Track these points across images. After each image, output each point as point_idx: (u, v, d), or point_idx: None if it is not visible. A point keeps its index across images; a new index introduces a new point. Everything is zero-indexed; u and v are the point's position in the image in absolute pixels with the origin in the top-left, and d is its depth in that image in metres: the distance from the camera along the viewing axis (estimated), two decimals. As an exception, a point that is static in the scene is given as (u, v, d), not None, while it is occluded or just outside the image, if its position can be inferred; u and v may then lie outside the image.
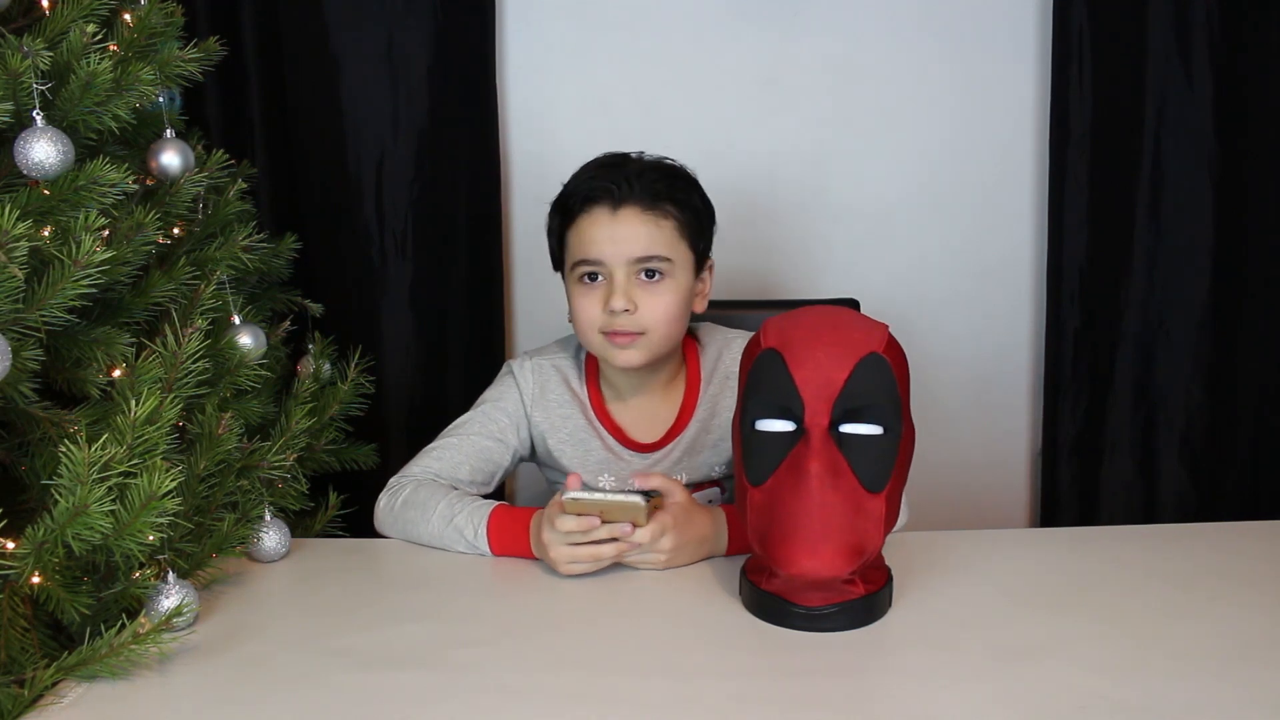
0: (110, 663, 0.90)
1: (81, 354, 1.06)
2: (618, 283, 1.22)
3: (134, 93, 1.11)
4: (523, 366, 1.36)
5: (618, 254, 1.22)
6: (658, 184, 1.23)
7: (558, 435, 1.33)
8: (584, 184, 1.25)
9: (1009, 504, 2.05)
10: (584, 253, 1.24)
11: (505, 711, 0.86)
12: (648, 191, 1.22)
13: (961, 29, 1.89)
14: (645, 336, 1.23)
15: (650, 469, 1.32)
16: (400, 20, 1.78)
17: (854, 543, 0.95)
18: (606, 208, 1.23)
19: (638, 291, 1.23)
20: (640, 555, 1.12)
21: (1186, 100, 1.81)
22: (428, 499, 1.22)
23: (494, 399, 1.36)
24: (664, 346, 1.26)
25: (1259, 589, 1.06)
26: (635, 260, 1.22)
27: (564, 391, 1.35)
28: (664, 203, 1.23)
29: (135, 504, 0.92)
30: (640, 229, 1.22)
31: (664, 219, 1.23)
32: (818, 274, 1.96)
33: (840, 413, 0.96)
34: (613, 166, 1.25)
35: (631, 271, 1.23)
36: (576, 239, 1.25)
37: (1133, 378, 1.90)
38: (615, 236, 1.22)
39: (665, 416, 1.34)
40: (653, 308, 1.23)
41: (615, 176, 1.23)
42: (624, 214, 1.22)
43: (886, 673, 0.93)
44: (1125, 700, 0.85)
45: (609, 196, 1.22)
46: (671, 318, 1.24)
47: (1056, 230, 1.87)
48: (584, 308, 1.25)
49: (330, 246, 1.82)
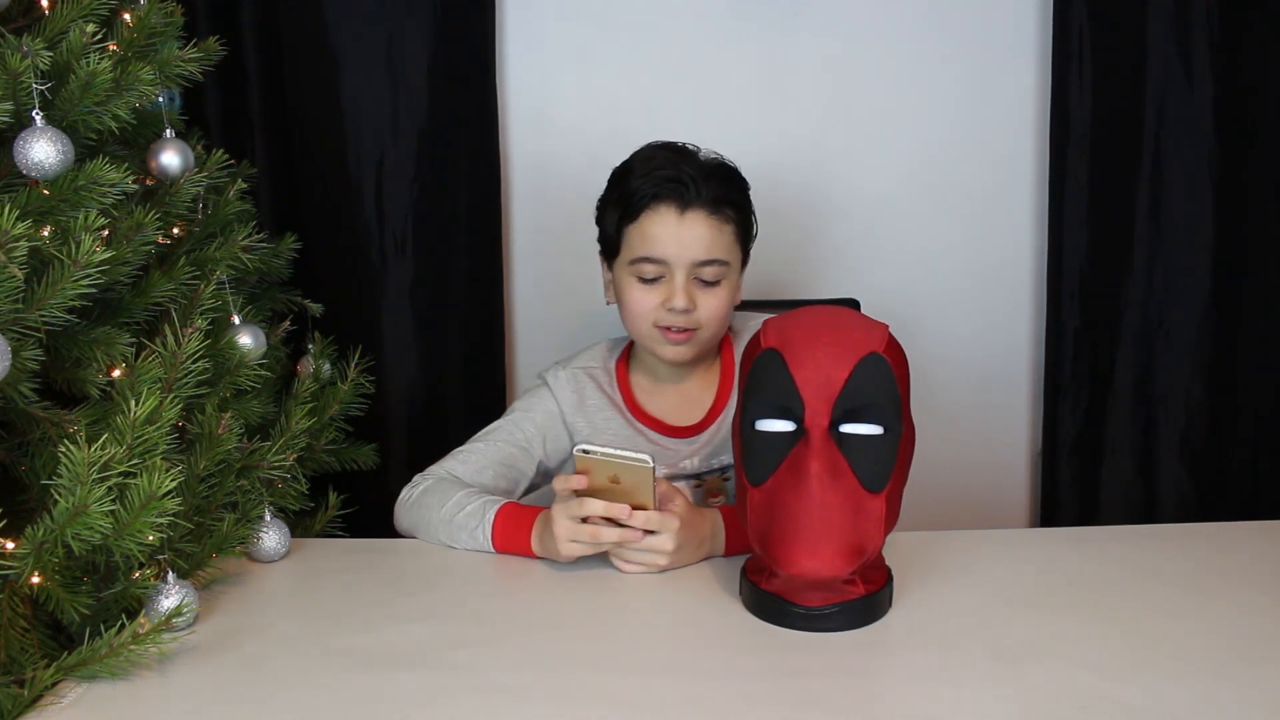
0: (110, 663, 0.90)
1: (81, 354, 1.06)
2: (678, 284, 1.24)
3: (134, 93, 1.11)
4: (557, 377, 1.37)
5: (682, 256, 1.24)
6: (721, 187, 1.25)
7: (602, 437, 1.35)
8: (650, 181, 1.24)
9: (1009, 504, 2.05)
10: (648, 250, 1.25)
11: (505, 711, 0.86)
12: (713, 195, 1.24)
13: (962, 29, 1.89)
14: (698, 333, 1.27)
15: (696, 451, 1.35)
16: (400, 20, 1.78)
17: (854, 543, 0.95)
18: (674, 209, 1.24)
19: (696, 291, 1.25)
20: (639, 555, 1.11)
21: (1186, 100, 1.81)
22: (445, 491, 1.23)
23: (524, 408, 1.37)
24: (713, 343, 1.33)
25: (1259, 589, 1.06)
26: (698, 263, 1.24)
27: (600, 397, 1.37)
28: (726, 207, 1.26)
29: (135, 504, 0.92)
30: (705, 233, 1.24)
31: (726, 223, 1.26)
32: (818, 274, 1.96)
33: (840, 413, 0.96)
34: (675, 164, 1.25)
35: (691, 274, 1.25)
36: (639, 235, 1.26)
37: (1133, 378, 1.90)
38: (682, 238, 1.23)
39: (703, 401, 1.36)
40: (710, 308, 1.26)
41: (683, 175, 1.23)
42: (690, 216, 1.24)
43: (886, 673, 0.93)
44: (1125, 700, 0.85)
45: (677, 198, 1.23)
46: (724, 316, 1.30)
47: (1056, 230, 1.87)
48: (639, 300, 1.27)
49: (330, 246, 1.82)
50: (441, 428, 1.87)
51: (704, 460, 1.35)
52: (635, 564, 1.11)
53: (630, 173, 1.27)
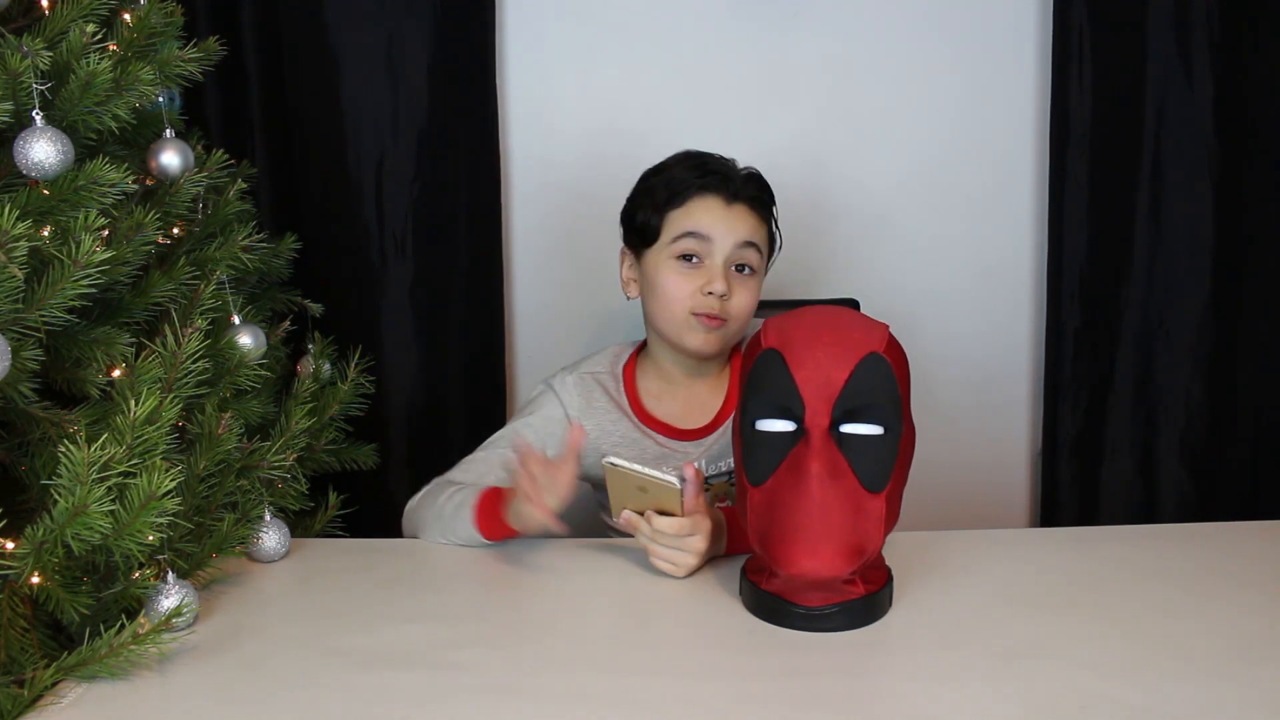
0: (110, 663, 0.90)
1: (81, 354, 1.06)
2: (716, 267, 1.28)
3: (134, 93, 1.11)
4: (564, 382, 1.38)
5: (727, 235, 1.29)
6: (760, 191, 1.34)
7: (610, 442, 1.35)
8: (697, 172, 1.31)
9: (1009, 504, 2.05)
10: (695, 225, 1.29)
11: (505, 711, 0.86)
12: (754, 196, 1.33)
13: (961, 29, 1.89)
14: (727, 325, 1.30)
15: (702, 454, 1.36)
16: (400, 20, 1.78)
17: (854, 543, 0.95)
18: (721, 198, 1.30)
19: (731, 281, 1.29)
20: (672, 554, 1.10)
21: (1186, 100, 1.81)
22: (439, 491, 1.25)
23: (527, 415, 1.38)
24: (736, 338, 1.36)
25: (1259, 589, 1.06)
26: (741, 245, 1.29)
27: (607, 400, 1.37)
28: (762, 209, 1.34)
29: (135, 504, 0.91)
30: (750, 222, 1.31)
31: (763, 223, 1.34)
32: (818, 274, 1.96)
33: (840, 413, 0.96)
34: (720, 163, 1.33)
35: (731, 260, 1.29)
36: (685, 216, 1.30)
37: (1133, 378, 1.90)
38: (730, 220, 1.29)
39: (711, 404, 1.37)
40: (741, 300, 1.30)
41: (729, 172, 1.32)
42: (736, 208, 1.31)
43: (886, 673, 0.93)
44: (1125, 700, 0.85)
45: (725, 190, 1.30)
46: (750, 312, 1.33)
47: (1056, 230, 1.86)
48: (678, 284, 1.29)
49: (330, 246, 1.82)
50: (441, 428, 1.87)
51: (710, 463, 1.35)
52: (667, 562, 1.10)
53: (671, 167, 1.34)
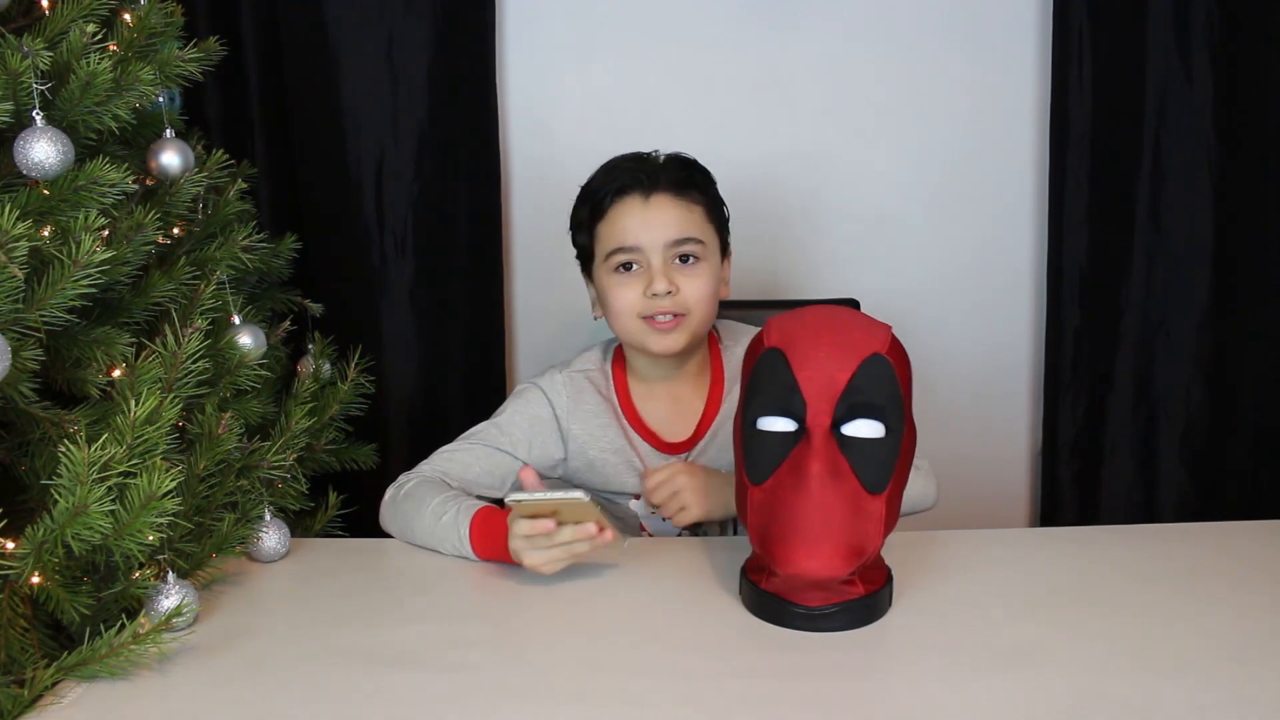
0: (110, 663, 0.90)
1: (81, 354, 1.06)
2: (655, 268, 1.25)
3: (134, 93, 1.11)
4: (554, 380, 1.36)
5: (654, 239, 1.25)
6: (682, 173, 1.28)
7: (598, 445, 1.34)
8: (611, 178, 1.28)
9: (1009, 504, 2.05)
10: (620, 240, 1.26)
11: (505, 711, 0.86)
12: (674, 180, 1.27)
13: (961, 29, 1.89)
14: (686, 319, 1.26)
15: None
16: (400, 20, 1.78)
17: (853, 543, 0.95)
18: (638, 197, 1.26)
19: (675, 275, 1.25)
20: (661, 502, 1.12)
21: (1186, 100, 1.81)
22: (425, 494, 1.21)
23: (511, 413, 1.35)
24: (702, 329, 1.29)
25: (1259, 589, 1.06)
26: (671, 244, 1.25)
27: (598, 400, 1.35)
28: (690, 190, 1.27)
29: (135, 504, 0.91)
30: (673, 213, 1.25)
31: (693, 204, 1.27)
32: (818, 274, 1.96)
33: (842, 413, 0.95)
34: (636, 161, 1.29)
35: (668, 256, 1.25)
36: (609, 230, 1.27)
37: (1133, 378, 1.90)
38: (650, 222, 1.25)
39: (693, 414, 1.35)
40: (692, 290, 1.25)
41: (641, 169, 1.27)
42: (655, 201, 1.25)
43: (886, 673, 0.93)
44: (1125, 700, 0.85)
45: (639, 186, 1.26)
46: (709, 298, 1.28)
47: (1056, 230, 1.87)
48: (621, 296, 1.26)
49: (330, 246, 1.82)
50: (441, 428, 1.86)
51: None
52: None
53: (593, 180, 1.31)
